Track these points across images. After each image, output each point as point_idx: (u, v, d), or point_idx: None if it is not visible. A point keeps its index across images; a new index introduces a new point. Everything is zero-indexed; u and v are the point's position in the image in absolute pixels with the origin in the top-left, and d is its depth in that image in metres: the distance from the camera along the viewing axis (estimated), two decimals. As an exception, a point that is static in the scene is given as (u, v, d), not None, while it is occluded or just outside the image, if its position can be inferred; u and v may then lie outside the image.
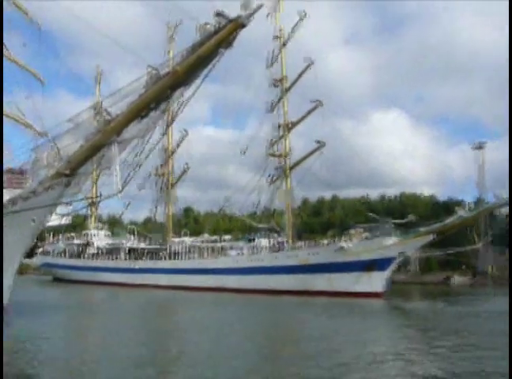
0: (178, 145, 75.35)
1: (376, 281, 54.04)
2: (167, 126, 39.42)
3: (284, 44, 65.90)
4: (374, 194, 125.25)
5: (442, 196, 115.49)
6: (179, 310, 42.11)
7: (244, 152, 66.50)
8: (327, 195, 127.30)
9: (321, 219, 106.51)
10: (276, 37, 66.30)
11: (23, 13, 37.60)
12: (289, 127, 65.55)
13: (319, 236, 68.02)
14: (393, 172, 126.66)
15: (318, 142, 62.12)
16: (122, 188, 25.15)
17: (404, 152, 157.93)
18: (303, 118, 64.78)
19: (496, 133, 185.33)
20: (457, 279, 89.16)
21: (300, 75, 64.42)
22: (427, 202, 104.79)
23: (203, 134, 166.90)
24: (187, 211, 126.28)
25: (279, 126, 65.91)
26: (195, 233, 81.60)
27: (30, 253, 31.17)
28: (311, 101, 63.00)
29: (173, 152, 76.87)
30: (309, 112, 63.56)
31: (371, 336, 26.72)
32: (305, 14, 63.53)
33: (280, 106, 66.36)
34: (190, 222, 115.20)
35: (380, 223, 56.99)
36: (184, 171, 75.63)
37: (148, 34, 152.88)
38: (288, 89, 65.62)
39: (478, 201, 53.97)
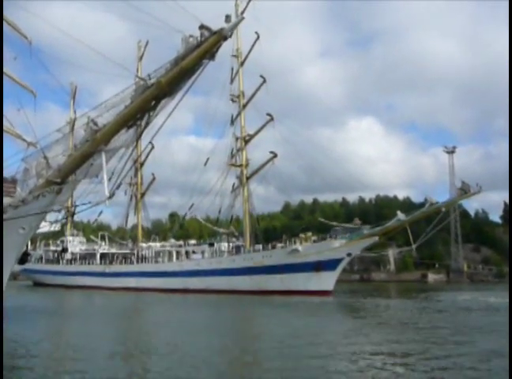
0: (147, 156, 74.32)
1: (325, 280, 53.99)
2: (138, 138, 37.57)
3: (242, 63, 65.15)
4: (352, 197, 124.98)
5: (415, 197, 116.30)
6: (146, 310, 40.80)
7: (205, 164, 65.49)
8: (308, 199, 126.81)
9: (302, 223, 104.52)
10: (234, 56, 65.28)
11: (14, 29, 35.33)
12: (246, 140, 64.69)
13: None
14: (369, 176, 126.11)
15: (272, 152, 61.32)
16: (110, 195, 23.51)
17: (378, 157, 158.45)
18: (258, 131, 63.97)
19: (461, 139, 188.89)
20: (433, 277, 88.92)
21: (255, 92, 63.62)
22: (402, 204, 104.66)
23: (185, 143, 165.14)
24: (172, 216, 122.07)
25: (237, 139, 65.18)
26: (182, 237, 79.97)
27: (22, 260, 29.07)
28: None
29: (142, 164, 75.47)
30: (263, 126, 62.75)
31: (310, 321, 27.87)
32: (258, 37, 62.59)
33: (239, 121, 65.57)
34: (174, 226, 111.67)
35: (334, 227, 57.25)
36: (151, 182, 74.93)
37: (128, 50, 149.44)
38: (245, 105, 64.83)
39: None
